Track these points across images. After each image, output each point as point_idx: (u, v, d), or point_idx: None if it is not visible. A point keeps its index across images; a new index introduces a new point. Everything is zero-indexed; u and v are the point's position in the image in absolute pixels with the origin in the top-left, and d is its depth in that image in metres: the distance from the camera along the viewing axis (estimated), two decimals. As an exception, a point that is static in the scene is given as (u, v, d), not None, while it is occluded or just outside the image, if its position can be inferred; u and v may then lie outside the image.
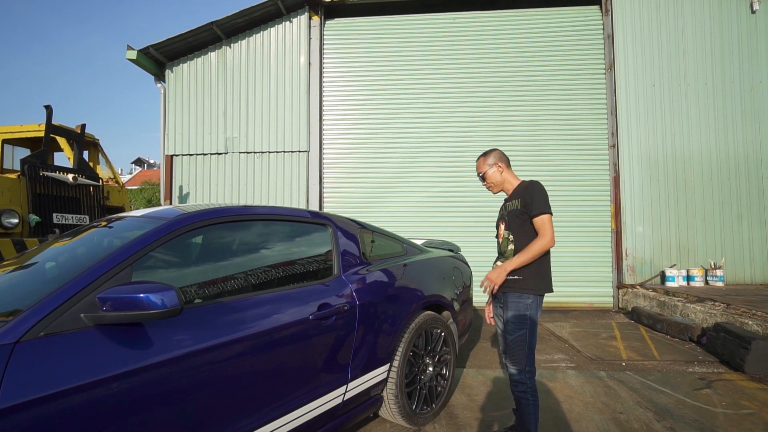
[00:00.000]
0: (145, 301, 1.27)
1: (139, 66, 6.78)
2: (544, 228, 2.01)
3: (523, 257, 2.01)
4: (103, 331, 1.32)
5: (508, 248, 2.12)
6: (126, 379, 1.29)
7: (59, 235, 2.19)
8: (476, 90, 6.75)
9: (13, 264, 1.93)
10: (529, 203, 2.05)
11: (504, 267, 2.04)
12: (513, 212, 2.13)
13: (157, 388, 1.36)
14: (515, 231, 2.11)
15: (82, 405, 1.19)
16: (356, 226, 2.53)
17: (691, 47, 6.40)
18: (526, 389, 2.04)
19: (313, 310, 1.89)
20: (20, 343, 1.17)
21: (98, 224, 2.13)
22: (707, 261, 6.15)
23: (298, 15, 6.84)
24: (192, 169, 6.99)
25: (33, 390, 1.12)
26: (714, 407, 2.77)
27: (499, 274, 2.04)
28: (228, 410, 1.54)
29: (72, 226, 4.94)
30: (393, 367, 2.32)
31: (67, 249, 1.91)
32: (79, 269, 1.43)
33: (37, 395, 1.11)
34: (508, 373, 2.13)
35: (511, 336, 2.08)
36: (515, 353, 2.06)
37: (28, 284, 1.67)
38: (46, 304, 1.27)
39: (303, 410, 1.78)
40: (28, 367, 1.14)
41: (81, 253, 1.80)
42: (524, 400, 2.05)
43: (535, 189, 2.08)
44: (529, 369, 2.05)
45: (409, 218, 6.60)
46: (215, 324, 1.56)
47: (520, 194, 2.13)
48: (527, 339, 2.05)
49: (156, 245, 1.56)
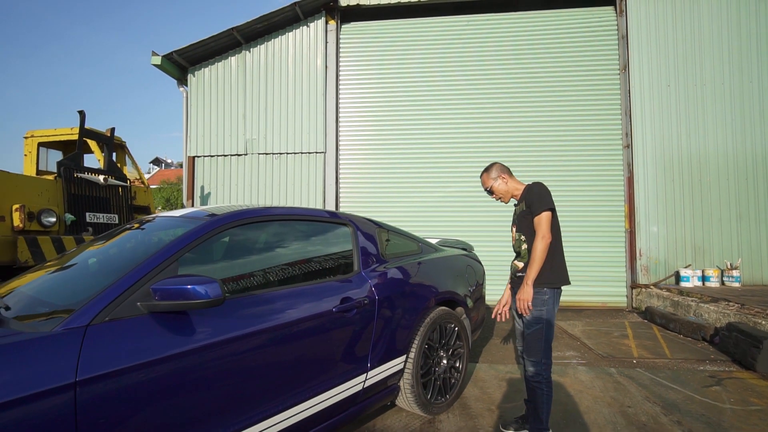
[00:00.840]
0: (192, 291, 1.44)
1: (163, 71, 7.07)
2: (539, 228, 2.16)
3: (534, 266, 2.14)
4: (155, 317, 1.50)
5: (522, 248, 2.29)
6: (176, 359, 1.46)
7: (105, 234, 2.39)
8: (490, 91, 6.84)
9: (63, 261, 2.14)
10: (531, 204, 2.23)
11: (526, 282, 2.17)
12: (521, 214, 2.31)
13: (201, 369, 1.53)
14: (525, 231, 2.28)
15: (141, 381, 1.37)
16: (374, 225, 2.68)
17: (707, 47, 6.37)
18: (541, 380, 2.18)
19: (336, 304, 2.05)
20: (90, 326, 1.35)
21: (132, 225, 2.34)
22: (723, 261, 6.12)
23: (315, 20, 7.02)
24: (213, 169, 7.25)
25: (102, 366, 1.29)
26: (722, 403, 2.84)
27: (526, 291, 2.16)
28: (263, 391, 1.71)
29: (102, 224, 5.22)
30: (409, 359, 2.46)
31: (115, 246, 2.11)
32: (132, 264, 1.61)
33: (106, 371, 1.29)
34: (524, 365, 2.27)
35: (528, 330, 2.21)
36: (532, 346, 2.20)
37: (84, 279, 1.87)
38: (109, 294, 1.45)
39: (328, 394, 1.94)
40: (98, 347, 1.32)
41: (129, 248, 2.00)
42: (538, 390, 2.18)
43: (534, 190, 2.23)
44: (545, 361, 2.18)
45: (423, 218, 6.73)
46: (249, 314, 1.73)
47: (524, 197, 2.31)
48: (544, 333, 2.18)
49: (199, 242, 1.74)
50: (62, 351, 1.26)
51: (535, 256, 2.13)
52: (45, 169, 6.31)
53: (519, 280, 2.29)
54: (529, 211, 2.23)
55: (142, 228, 2.28)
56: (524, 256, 2.27)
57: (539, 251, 2.13)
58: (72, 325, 1.33)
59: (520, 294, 2.19)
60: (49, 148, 6.37)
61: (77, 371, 1.24)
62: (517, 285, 2.32)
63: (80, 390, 1.23)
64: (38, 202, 4.50)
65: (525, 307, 2.17)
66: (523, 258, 2.29)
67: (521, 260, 2.31)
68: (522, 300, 2.17)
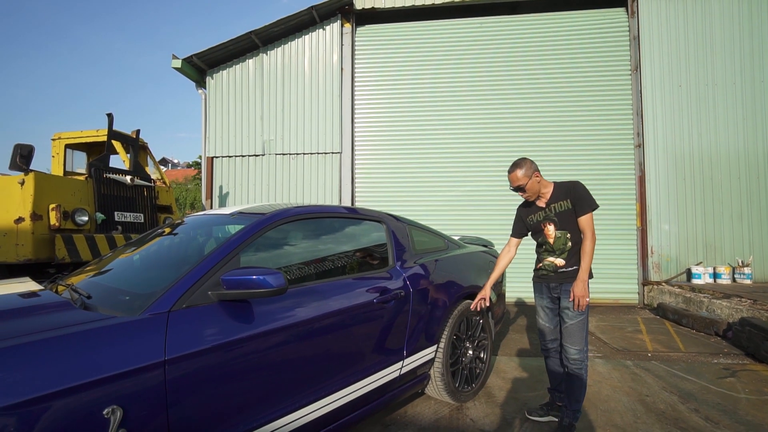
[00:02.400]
0: (260, 281, 1.59)
1: (182, 74, 7.25)
2: (588, 226, 2.28)
3: (587, 262, 2.26)
4: (223, 305, 1.65)
5: (567, 245, 2.36)
6: (243, 343, 1.62)
7: (153, 231, 2.55)
8: (503, 92, 6.96)
9: (120, 256, 2.30)
10: (577, 203, 2.31)
11: (581, 278, 2.25)
12: (564, 213, 2.36)
13: (263, 352, 1.68)
14: (571, 228, 2.35)
15: (216, 361, 1.53)
16: (405, 223, 2.83)
17: (719, 47, 6.45)
18: (583, 366, 2.31)
19: (376, 295, 2.20)
20: (172, 311, 1.51)
21: (181, 222, 2.50)
22: (735, 259, 6.20)
23: (331, 23, 7.18)
24: (231, 169, 7.43)
25: (185, 347, 1.45)
26: (737, 393, 2.96)
27: (583, 288, 2.24)
28: (317, 374, 1.86)
29: (129, 223, 5.40)
30: (439, 348, 2.61)
31: (169, 240, 2.28)
32: (196, 257, 1.77)
33: (189, 351, 1.45)
34: (565, 353, 2.36)
35: (572, 321, 2.31)
36: (576, 335, 2.30)
37: (153, 270, 2.04)
38: (184, 283, 1.61)
39: (371, 378, 2.09)
40: (179, 330, 1.48)
41: (186, 243, 2.17)
42: (580, 375, 2.31)
43: (579, 190, 2.33)
44: (586, 348, 2.34)
45: (438, 216, 6.86)
46: (303, 303, 1.88)
47: (565, 195, 2.36)
48: (586, 322, 2.32)
49: (256, 236, 1.89)
50: (152, 333, 1.42)
51: (588, 254, 2.25)
52: (71, 170, 6.52)
53: (557, 277, 2.38)
54: (573, 209, 2.32)
55: (186, 224, 2.45)
56: (567, 252, 2.36)
57: (592, 250, 2.26)
58: (156, 310, 1.49)
59: (578, 291, 2.24)
60: (74, 150, 6.57)
61: (165, 351, 1.40)
62: (554, 281, 2.41)
63: (169, 367, 1.39)
64: (72, 201, 4.68)
65: (584, 304, 2.24)
66: (563, 255, 2.37)
67: (560, 257, 2.38)
68: (581, 297, 2.23)
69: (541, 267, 2.50)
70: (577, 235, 2.34)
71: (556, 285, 2.41)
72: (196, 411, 1.46)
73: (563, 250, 2.38)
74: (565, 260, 2.37)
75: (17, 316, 1.47)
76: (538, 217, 2.47)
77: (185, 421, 1.43)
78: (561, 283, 2.38)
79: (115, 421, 1.24)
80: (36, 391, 1.12)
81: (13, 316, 1.47)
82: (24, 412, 1.10)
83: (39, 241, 4.26)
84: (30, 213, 4.20)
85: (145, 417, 1.32)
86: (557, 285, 2.41)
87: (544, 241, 2.46)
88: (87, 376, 1.22)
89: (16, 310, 1.56)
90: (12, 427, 1.07)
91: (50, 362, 1.20)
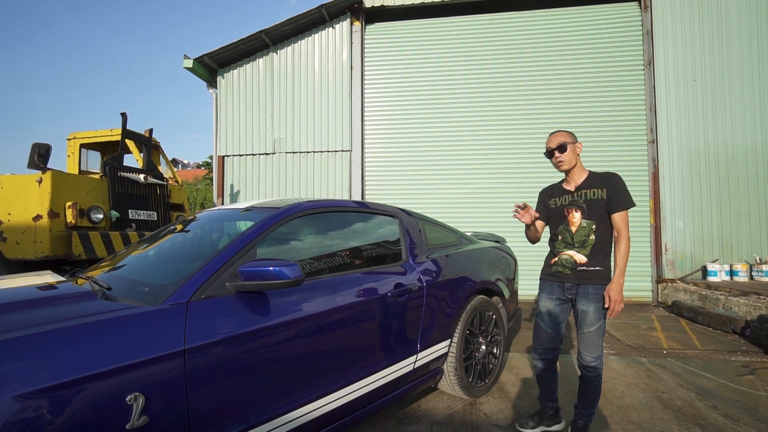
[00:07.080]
0: (277, 273, 1.60)
1: (194, 73, 7.33)
2: (625, 225, 2.04)
3: (624, 262, 2.02)
4: (240, 297, 1.67)
5: (590, 238, 2.08)
6: (260, 333, 1.63)
7: (169, 225, 2.58)
8: (514, 88, 6.92)
9: (137, 250, 2.33)
10: (615, 195, 2.03)
11: (618, 281, 2.01)
12: (595, 202, 2.07)
13: (280, 343, 1.69)
14: (598, 220, 2.07)
15: (234, 351, 1.54)
16: (417, 218, 2.83)
17: (735, 40, 6.33)
18: (599, 374, 2.10)
19: (390, 288, 2.20)
20: (191, 302, 1.53)
21: (193, 218, 2.53)
22: (752, 256, 6.08)
23: (341, 21, 7.20)
24: (242, 168, 7.50)
25: (204, 336, 1.47)
26: (757, 390, 2.91)
27: (619, 292, 2.01)
28: (333, 365, 1.87)
29: (143, 221, 5.48)
30: (453, 343, 2.60)
31: (185, 234, 2.31)
32: (213, 249, 1.79)
33: (208, 340, 1.47)
34: (580, 361, 2.12)
35: (591, 327, 2.06)
36: (594, 343, 2.06)
37: (170, 263, 2.07)
38: (202, 275, 1.62)
39: (386, 371, 2.10)
40: (198, 320, 1.49)
41: (200, 237, 2.19)
42: (596, 383, 2.11)
43: (621, 182, 2.06)
44: (602, 355, 2.11)
45: (450, 213, 6.84)
46: (318, 295, 1.89)
47: (601, 184, 2.08)
48: (604, 328, 2.10)
49: (273, 229, 1.91)
50: (172, 322, 1.44)
51: (624, 256, 2.02)
52: (86, 169, 6.63)
53: (575, 276, 2.11)
54: (606, 201, 2.05)
55: (201, 219, 2.48)
56: (586, 245, 2.08)
57: (628, 251, 2.03)
58: (176, 301, 1.51)
59: (614, 294, 2.01)
60: (89, 149, 6.68)
61: (185, 340, 1.42)
62: (570, 280, 2.13)
63: (188, 356, 1.41)
64: (87, 199, 4.76)
65: (619, 309, 2.03)
66: (583, 250, 2.10)
67: (580, 252, 2.10)
68: (617, 302, 2.01)
69: (556, 262, 2.19)
70: (602, 231, 2.07)
71: (572, 285, 2.11)
72: (215, 399, 1.48)
73: (583, 244, 2.08)
74: (587, 257, 2.08)
75: (42, 306, 1.50)
76: (563, 200, 2.17)
77: (204, 409, 1.44)
78: (579, 283, 2.09)
79: (138, 408, 1.26)
80: (63, 377, 1.15)
81: (39, 306, 1.50)
82: (53, 397, 1.12)
83: (56, 238, 4.34)
84: (47, 210, 4.28)
85: (165, 405, 1.34)
86: (573, 286, 2.11)
87: (564, 230, 2.15)
88: (110, 363, 1.24)
89: (41, 299, 1.59)
90: (43, 410, 1.09)
91: (75, 349, 1.23)
